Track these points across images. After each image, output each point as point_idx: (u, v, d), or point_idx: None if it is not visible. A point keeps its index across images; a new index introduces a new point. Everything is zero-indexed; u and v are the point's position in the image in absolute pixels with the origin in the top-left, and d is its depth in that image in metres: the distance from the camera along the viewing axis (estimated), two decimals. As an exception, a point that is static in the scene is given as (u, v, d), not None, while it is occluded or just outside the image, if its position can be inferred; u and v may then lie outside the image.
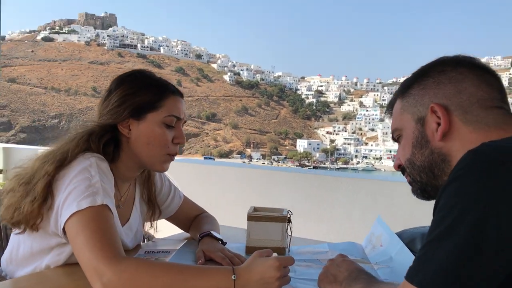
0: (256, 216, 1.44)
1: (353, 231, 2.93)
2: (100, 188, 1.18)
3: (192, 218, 1.67)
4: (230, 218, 1.89)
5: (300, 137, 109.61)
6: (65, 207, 1.15)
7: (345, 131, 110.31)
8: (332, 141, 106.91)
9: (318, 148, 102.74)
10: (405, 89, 1.02)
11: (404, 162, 1.02)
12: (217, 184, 3.67)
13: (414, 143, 0.99)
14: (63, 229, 1.15)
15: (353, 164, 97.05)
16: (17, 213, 1.22)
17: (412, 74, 1.02)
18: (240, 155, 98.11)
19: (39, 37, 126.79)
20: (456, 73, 0.95)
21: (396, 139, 1.06)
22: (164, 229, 1.64)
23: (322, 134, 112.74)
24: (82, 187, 1.16)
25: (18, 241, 1.31)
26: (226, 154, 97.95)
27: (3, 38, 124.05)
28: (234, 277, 1.05)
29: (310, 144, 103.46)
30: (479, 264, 0.70)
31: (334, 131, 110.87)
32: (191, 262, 1.33)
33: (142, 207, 1.53)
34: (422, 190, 1.01)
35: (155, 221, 1.61)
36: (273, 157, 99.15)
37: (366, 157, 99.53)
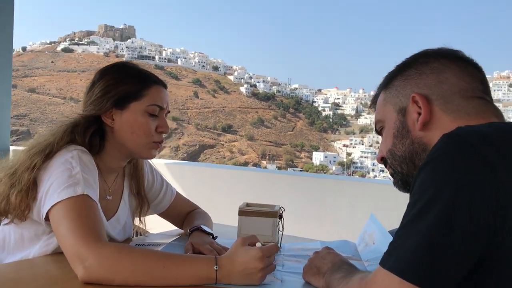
0: (247, 211, 1.43)
1: (355, 234, 2.79)
2: (81, 178, 1.18)
3: (185, 214, 1.66)
4: (228, 218, 1.89)
5: (316, 149, 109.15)
6: (47, 198, 1.17)
7: (362, 144, 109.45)
8: (348, 154, 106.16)
9: (334, 161, 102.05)
10: (389, 81, 1.01)
11: (385, 154, 1.01)
12: (221, 187, 3.64)
13: (395, 134, 0.98)
14: (46, 219, 1.18)
15: (370, 177, 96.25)
16: (5, 203, 1.25)
17: (396, 66, 1.01)
18: (255, 167, 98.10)
19: (59, 48, 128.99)
20: (438, 64, 0.94)
21: (379, 131, 1.05)
22: (159, 226, 1.62)
23: (339, 147, 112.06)
24: (63, 178, 1.17)
25: (9, 230, 1.33)
26: (242, 166, 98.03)
27: (24, 48, 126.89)
28: (216, 267, 1.05)
29: (326, 157, 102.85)
30: (450, 246, 0.69)
31: (351, 144, 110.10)
32: None
33: (131, 200, 1.53)
34: (403, 182, 1.00)
35: (145, 217, 1.58)
36: (288, 169, 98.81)
37: (383, 170, 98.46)
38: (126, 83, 1.34)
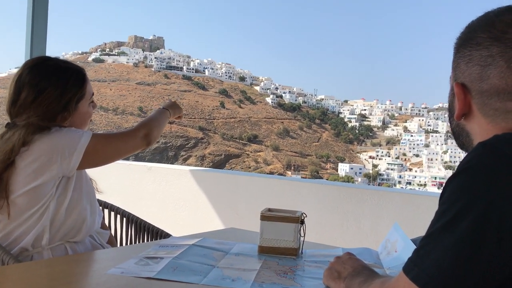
0: (269, 216, 1.45)
1: (378, 243, 2.76)
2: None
3: None
4: (250, 224, 1.87)
5: (342, 161, 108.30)
6: (75, 145, 1.45)
7: (389, 156, 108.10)
8: (375, 166, 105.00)
9: (360, 172, 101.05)
10: (456, 47, 0.88)
11: None
12: (243, 194, 3.63)
13: (448, 107, 0.92)
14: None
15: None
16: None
17: (467, 27, 0.86)
18: (278, 175, 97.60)
19: (90, 59, 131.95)
20: (486, 52, 0.79)
21: None
22: (183, 229, 1.66)
23: (365, 159, 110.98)
24: (73, 131, 1.50)
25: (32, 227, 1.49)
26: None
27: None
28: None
29: (352, 168, 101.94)
30: (477, 264, 0.67)
31: (377, 155, 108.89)
32: (201, 258, 1.34)
33: None
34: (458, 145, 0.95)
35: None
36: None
37: (410, 183, 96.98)
38: (69, 91, 1.55)
